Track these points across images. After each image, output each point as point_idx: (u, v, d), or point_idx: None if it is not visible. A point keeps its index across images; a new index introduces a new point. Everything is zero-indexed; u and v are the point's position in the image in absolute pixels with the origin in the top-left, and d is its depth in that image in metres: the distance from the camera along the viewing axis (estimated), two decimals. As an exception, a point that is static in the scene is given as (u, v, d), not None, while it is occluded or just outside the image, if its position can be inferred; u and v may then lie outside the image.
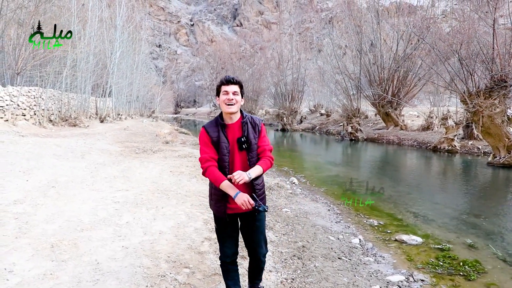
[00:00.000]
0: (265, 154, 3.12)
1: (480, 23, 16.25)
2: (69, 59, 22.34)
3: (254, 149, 3.08)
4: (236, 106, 2.99)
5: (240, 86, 3.04)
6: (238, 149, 3.04)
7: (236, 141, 3.03)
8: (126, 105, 39.76)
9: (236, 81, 3.02)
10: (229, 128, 3.06)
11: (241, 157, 3.06)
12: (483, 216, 8.10)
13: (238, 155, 3.05)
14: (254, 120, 3.15)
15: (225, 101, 2.97)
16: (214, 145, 3.02)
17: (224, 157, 3.00)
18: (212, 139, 3.01)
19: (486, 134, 15.45)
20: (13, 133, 14.95)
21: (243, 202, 2.84)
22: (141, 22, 48.36)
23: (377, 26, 29.45)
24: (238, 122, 3.09)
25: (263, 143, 3.13)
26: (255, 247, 3.29)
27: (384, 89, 27.93)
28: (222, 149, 3.00)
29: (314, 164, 16.91)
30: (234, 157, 3.05)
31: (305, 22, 74.62)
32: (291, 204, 8.20)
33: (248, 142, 3.04)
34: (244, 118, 3.10)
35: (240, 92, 3.03)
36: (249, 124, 3.10)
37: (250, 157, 3.06)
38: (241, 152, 3.05)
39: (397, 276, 4.84)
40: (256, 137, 3.11)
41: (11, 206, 5.76)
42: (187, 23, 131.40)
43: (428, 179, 13.61)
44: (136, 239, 4.85)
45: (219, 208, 3.10)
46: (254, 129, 3.11)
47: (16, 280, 3.58)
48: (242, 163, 3.05)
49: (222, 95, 2.99)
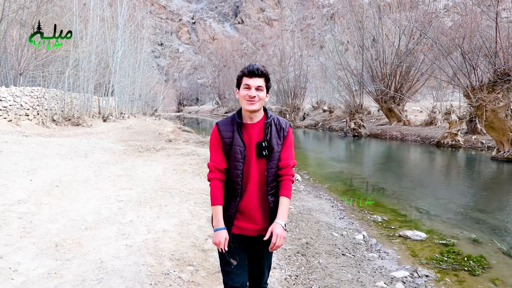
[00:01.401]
0: (288, 173, 2.54)
1: (483, 17, 16.20)
2: (71, 59, 22.37)
3: (275, 158, 2.50)
4: (259, 104, 2.43)
5: (266, 79, 2.48)
6: (256, 156, 2.48)
7: (255, 145, 2.47)
8: (128, 104, 39.83)
9: (261, 73, 2.45)
10: (248, 129, 2.50)
11: (259, 165, 2.49)
12: (487, 211, 8.08)
13: (255, 163, 2.49)
14: (280, 122, 2.57)
15: (246, 97, 2.42)
16: (225, 149, 2.48)
17: (238, 164, 2.45)
18: (224, 141, 2.47)
19: (489, 129, 15.41)
20: (17, 133, 15.00)
21: (216, 241, 2.40)
22: (143, 21, 48.35)
23: (379, 21, 29.38)
24: (260, 123, 2.52)
25: (287, 156, 2.56)
26: (259, 275, 2.73)
27: (386, 85, 27.88)
28: (235, 154, 2.45)
29: (317, 161, 16.89)
30: (250, 165, 2.48)
31: (307, 18, 74.34)
32: (295, 201, 8.20)
33: (270, 148, 2.47)
34: (269, 118, 2.53)
35: (265, 86, 2.48)
36: (273, 127, 2.53)
37: (269, 167, 2.49)
38: (259, 159, 2.48)
39: (402, 271, 4.83)
40: (280, 143, 2.53)
41: (15, 205, 5.78)
42: (188, 21, 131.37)
43: (432, 174, 13.57)
44: (140, 238, 4.86)
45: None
46: (279, 133, 2.53)
47: (21, 279, 3.59)
48: (259, 173, 2.49)
49: (243, 90, 2.45)
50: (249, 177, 2.49)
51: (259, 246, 2.56)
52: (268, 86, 2.52)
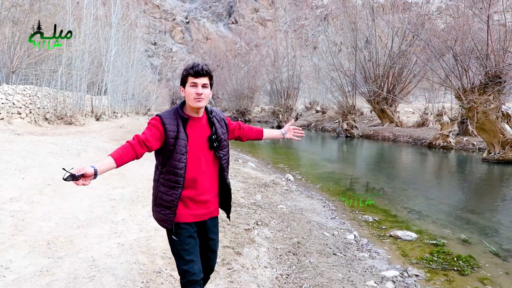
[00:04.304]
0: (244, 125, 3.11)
1: (475, 20, 16.34)
2: (64, 57, 22.22)
3: (224, 146, 2.77)
4: (205, 101, 2.59)
5: (210, 78, 2.63)
6: (209, 148, 2.66)
7: (207, 139, 2.66)
8: (121, 103, 39.70)
9: (206, 72, 2.58)
10: (193, 123, 2.64)
11: (210, 156, 2.69)
12: (477, 212, 8.17)
13: (206, 154, 2.66)
14: (218, 114, 2.83)
15: (193, 95, 2.54)
16: (167, 141, 2.54)
17: (182, 157, 2.54)
18: (168, 134, 2.52)
19: (480, 130, 15.54)
20: (9, 131, 14.92)
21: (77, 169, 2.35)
22: (136, 20, 48.20)
23: (372, 22, 29.50)
24: (204, 117, 2.71)
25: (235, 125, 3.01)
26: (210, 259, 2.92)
27: (379, 86, 28.02)
28: (181, 147, 2.54)
29: (309, 161, 16.95)
30: (199, 157, 2.63)
31: (300, 19, 74.58)
32: (287, 201, 8.24)
33: (218, 139, 2.69)
34: (212, 113, 2.74)
35: (209, 84, 2.63)
36: (215, 119, 2.75)
37: (222, 155, 2.74)
38: (210, 151, 2.68)
39: (392, 271, 4.88)
40: (225, 132, 2.80)
41: (7, 203, 5.76)
42: (182, 20, 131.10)
43: (423, 175, 13.68)
44: (132, 236, 4.87)
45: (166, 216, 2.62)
46: (221, 123, 2.79)
47: (12, 276, 3.60)
48: (213, 162, 2.72)
49: (190, 87, 2.56)
50: (200, 167, 2.63)
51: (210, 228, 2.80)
52: (212, 83, 2.66)
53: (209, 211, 2.74)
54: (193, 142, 2.60)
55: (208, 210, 2.73)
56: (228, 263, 4.35)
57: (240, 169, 11.25)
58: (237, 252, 4.68)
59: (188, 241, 2.64)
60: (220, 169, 2.78)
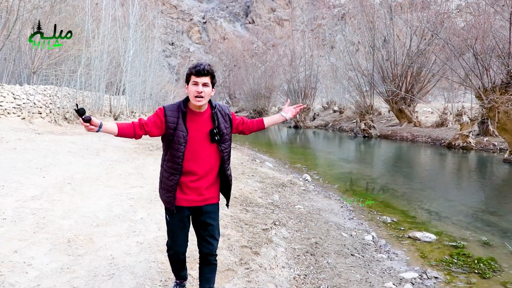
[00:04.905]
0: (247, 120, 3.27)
1: (496, 17, 16.05)
2: (83, 58, 22.57)
3: (226, 140, 2.99)
4: (205, 99, 2.80)
5: (211, 77, 2.84)
6: (210, 141, 2.89)
7: (208, 132, 2.88)
8: (139, 102, 40.02)
9: (207, 72, 2.79)
10: (196, 117, 2.88)
11: (211, 148, 2.92)
12: (499, 214, 8.03)
13: (207, 146, 2.90)
14: (223, 109, 3.05)
15: (194, 93, 2.77)
16: (166, 131, 2.83)
17: (180, 147, 2.81)
18: (168, 125, 2.82)
19: (502, 130, 15.25)
20: (30, 130, 15.20)
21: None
22: (154, 21, 48.56)
23: (390, 21, 29.23)
24: (208, 112, 2.93)
25: (239, 120, 3.19)
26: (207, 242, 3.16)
27: (397, 86, 27.73)
28: (179, 138, 2.80)
29: (327, 161, 16.87)
30: (201, 149, 2.87)
31: (318, 18, 74.20)
32: (304, 201, 8.21)
33: (220, 133, 2.91)
34: (214, 108, 2.95)
35: (211, 83, 2.84)
36: (219, 114, 2.96)
37: (223, 149, 2.97)
38: (212, 144, 2.92)
39: (411, 273, 4.83)
40: (228, 127, 3.01)
41: (28, 201, 5.87)
42: (199, 20, 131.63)
43: (443, 176, 13.48)
44: (150, 235, 4.91)
45: (168, 198, 2.94)
46: (225, 118, 3.00)
47: (34, 273, 3.66)
48: (214, 155, 2.95)
49: (191, 85, 2.79)
50: (198, 158, 2.88)
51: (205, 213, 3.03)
52: (214, 82, 2.88)
53: (203, 198, 2.98)
54: (193, 135, 2.85)
55: (202, 197, 2.97)
56: (246, 262, 4.35)
57: (257, 169, 11.24)
58: (255, 252, 4.68)
59: (177, 223, 3.04)
60: (221, 161, 3.01)
